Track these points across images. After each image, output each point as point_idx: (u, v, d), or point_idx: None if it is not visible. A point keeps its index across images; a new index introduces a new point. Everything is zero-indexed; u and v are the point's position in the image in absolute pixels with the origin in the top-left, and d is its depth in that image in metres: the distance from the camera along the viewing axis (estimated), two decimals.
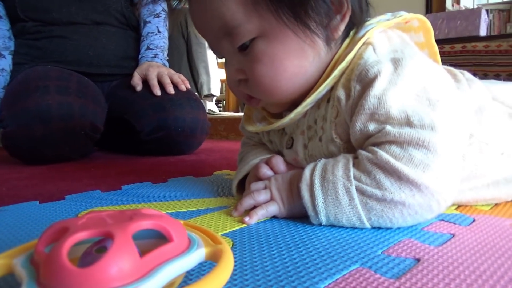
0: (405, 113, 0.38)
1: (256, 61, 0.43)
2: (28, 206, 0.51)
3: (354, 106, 0.41)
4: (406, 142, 0.37)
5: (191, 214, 0.46)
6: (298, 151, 0.50)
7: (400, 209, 0.37)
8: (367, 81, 0.40)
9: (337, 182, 0.38)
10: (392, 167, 0.37)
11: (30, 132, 0.95)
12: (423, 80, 0.40)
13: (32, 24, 1.14)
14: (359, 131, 0.41)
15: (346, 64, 0.43)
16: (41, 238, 0.23)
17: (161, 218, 0.25)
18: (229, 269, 0.23)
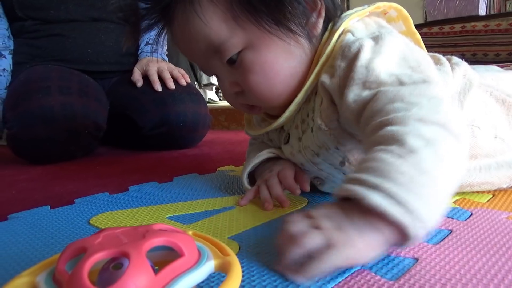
0: (394, 75, 0.39)
1: (248, 72, 0.45)
2: (40, 212, 0.53)
3: (342, 82, 0.42)
4: (406, 95, 0.36)
5: (198, 216, 0.48)
6: (293, 144, 0.52)
7: (448, 155, 0.32)
8: (351, 56, 0.41)
9: (401, 168, 0.30)
10: (414, 116, 0.33)
11: (34, 134, 0.96)
12: (402, 52, 0.41)
13: (31, 23, 1.14)
14: (354, 102, 0.39)
15: (326, 57, 0.45)
16: (61, 256, 0.25)
17: (171, 234, 0.26)
18: (237, 280, 0.25)
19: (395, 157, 0.31)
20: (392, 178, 0.29)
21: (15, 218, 0.51)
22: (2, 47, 1.13)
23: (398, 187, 0.29)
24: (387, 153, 0.31)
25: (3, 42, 1.13)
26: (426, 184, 0.30)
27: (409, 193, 0.28)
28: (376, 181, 0.29)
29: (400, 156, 0.31)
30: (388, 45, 0.41)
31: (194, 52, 0.47)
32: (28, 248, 0.40)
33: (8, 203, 0.61)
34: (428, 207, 0.29)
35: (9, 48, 1.15)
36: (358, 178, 0.31)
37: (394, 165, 0.30)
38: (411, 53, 0.42)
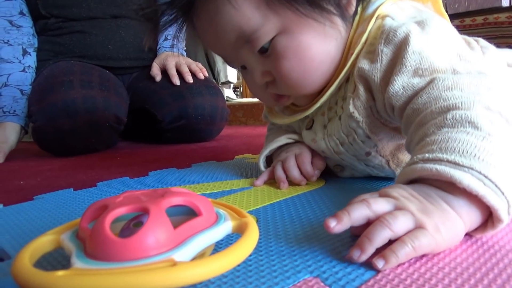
0: (447, 63, 0.37)
1: (281, 58, 0.42)
2: (64, 193, 0.55)
3: (388, 68, 0.40)
4: (466, 84, 0.35)
5: (216, 195, 0.48)
6: (317, 131, 0.51)
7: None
8: (398, 42, 0.40)
9: (489, 149, 0.28)
10: (481, 101, 0.32)
11: (58, 126, 0.99)
12: (448, 39, 0.40)
13: (54, 21, 1.18)
14: (403, 88, 0.38)
15: (363, 44, 0.43)
16: (84, 215, 0.26)
17: (190, 195, 0.27)
18: (254, 239, 0.25)
19: (479, 138, 0.29)
20: (483, 159, 0.28)
21: (40, 199, 0.53)
22: (28, 44, 1.17)
23: (491, 169, 0.27)
24: (465, 133, 0.30)
25: (28, 39, 1.17)
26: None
27: (502, 176, 0.27)
28: (468, 162, 0.27)
29: (484, 138, 0.29)
30: (435, 31, 0.39)
31: (222, 44, 0.45)
32: (52, 222, 0.41)
33: (33, 188, 0.63)
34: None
35: (33, 45, 1.19)
36: (443, 158, 0.29)
37: (481, 146, 0.28)
38: (457, 39, 0.40)
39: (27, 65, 1.15)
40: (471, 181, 0.27)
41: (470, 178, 0.27)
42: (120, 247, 0.22)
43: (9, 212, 0.46)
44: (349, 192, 0.48)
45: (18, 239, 0.36)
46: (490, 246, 0.29)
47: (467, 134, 0.30)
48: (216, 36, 0.44)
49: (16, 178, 0.74)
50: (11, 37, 1.13)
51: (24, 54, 1.15)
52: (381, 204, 0.28)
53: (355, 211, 0.27)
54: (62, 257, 0.30)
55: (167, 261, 0.21)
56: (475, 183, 0.27)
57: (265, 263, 0.28)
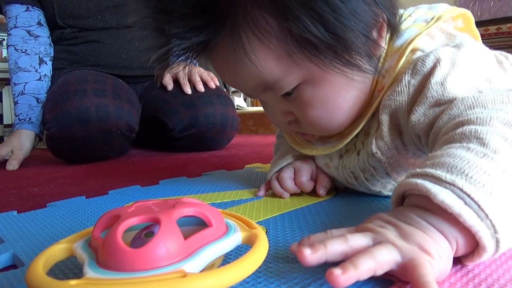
0: (473, 88, 0.36)
1: (307, 106, 0.40)
2: (76, 201, 0.56)
3: (412, 99, 0.38)
4: (490, 101, 0.32)
5: (226, 205, 0.49)
6: (333, 158, 0.50)
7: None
8: (425, 71, 0.37)
9: (484, 167, 0.26)
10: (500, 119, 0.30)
11: (71, 133, 1.01)
12: (481, 63, 0.38)
13: (69, 31, 1.20)
14: (424, 116, 0.37)
15: (392, 80, 0.41)
16: (96, 224, 0.26)
17: (200, 205, 0.27)
18: (264, 250, 0.25)
19: (478, 155, 0.27)
20: (471, 177, 0.25)
21: (52, 206, 0.54)
22: (44, 54, 1.19)
23: (477, 189, 0.25)
24: (464, 149, 0.28)
25: (45, 49, 1.20)
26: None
27: (489, 199, 0.25)
28: (451, 178, 0.26)
29: (484, 155, 0.27)
30: (468, 55, 0.37)
31: (241, 86, 0.42)
32: (64, 229, 0.42)
33: (46, 195, 0.64)
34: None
35: (50, 55, 1.22)
36: (427, 173, 0.27)
37: (474, 162, 0.26)
38: (490, 64, 0.39)
39: (43, 74, 1.18)
40: (446, 197, 0.25)
41: (447, 194, 0.25)
42: (131, 257, 0.22)
43: (23, 219, 0.47)
44: (359, 203, 0.47)
45: (31, 246, 0.37)
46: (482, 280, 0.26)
47: (467, 150, 0.28)
48: (235, 77, 0.40)
49: (30, 185, 0.75)
50: (28, 47, 1.16)
51: (41, 63, 1.17)
52: (359, 239, 0.26)
53: (332, 245, 0.25)
54: (74, 266, 0.31)
55: (177, 272, 0.21)
56: (451, 199, 0.25)
57: (274, 275, 0.28)
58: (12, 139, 1.07)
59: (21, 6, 1.16)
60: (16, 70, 1.14)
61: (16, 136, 1.08)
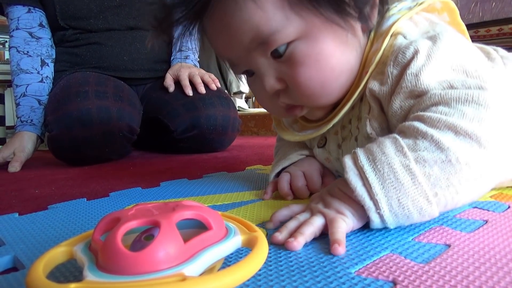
0: (446, 82, 0.37)
1: (299, 65, 0.40)
2: (77, 203, 0.56)
3: (392, 89, 0.40)
4: (454, 99, 0.35)
5: (226, 207, 0.49)
6: (331, 151, 0.50)
7: (465, 172, 0.32)
8: (405, 62, 0.39)
9: (392, 162, 0.33)
10: (446, 123, 0.33)
11: (72, 135, 1.01)
12: (459, 54, 0.39)
13: (71, 32, 1.21)
14: (400, 108, 0.39)
15: (376, 63, 0.42)
16: (96, 227, 0.26)
17: (200, 208, 0.27)
18: (264, 254, 0.25)
19: (397, 148, 0.33)
20: (377, 165, 0.33)
21: (54, 208, 0.54)
22: (46, 55, 1.20)
23: (376, 175, 0.33)
24: (392, 141, 0.34)
25: (47, 51, 1.20)
26: (406, 183, 0.32)
27: (383, 184, 0.32)
28: (363, 162, 0.34)
29: (401, 150, 0.33)
30: (444, 48, 0.39)
31: (234, 45, 0.41)
32: (65, 232, 0.42)
33: (48, 197, 0.64)
34: (399, 205, 0.32)
35: (51, 56, 1.22)
36: (356, 153, 0.35)
37: (388, 154, 0.33)
38: (468, 55, 0.40)
39: (45, 76, 1.18)
40: (352, 175, 0.34)
41: (354, 174, 0.34)
42: (131, 260, 0.22)
43: (24, 221, 0.47)
44: None
45: (32, 249, 0.37)
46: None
47: (393, 142, 0.34)
48: (229, 36, 0.41)
49: (31, 187, 0.75)
50: (30, 48, 1.16)
51: (43, 65, 1.18)
52: (317, 220, 0.35)
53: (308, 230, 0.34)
54: (74, 268, 0.31)
55: (177, 275, 0.21)
56: (354, 178, 0.34)
57: (274, 278, 0.28)
58: (14, 141, 1.07)
59: (23, 7, 1.17)
60: (18, 72, 1.15)
61: (18, 138, 1.08)
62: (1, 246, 0.38)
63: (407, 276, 0.27)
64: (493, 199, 0.46)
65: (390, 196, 0.32)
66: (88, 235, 0.29)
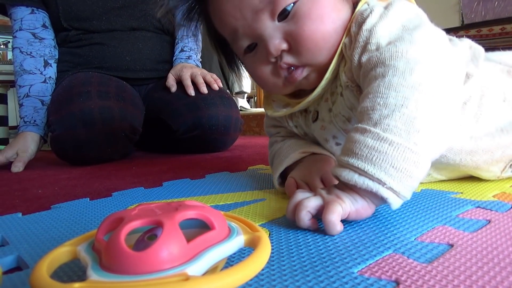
0: (391, 39, 0.42)
1: (305, 19, 0.45)
2: (80, 202, 0.56)
3: (353, 45, 0.45)
4: (387, 58, 0.40)
5: (229, 207, 0.49)
6: (324, 117, 0.53)
7: (419, 113, 0.36)
8: (361, 21, 0.45)
9: (366, 142, 0.36)
10: (383, 81, 0.38)
11: (75, 135, 1.01)
12: (409, 14, 0.44)
13: (74, 33, 1.21)
14: (357, 64, 0.44)
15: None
16: (100, 227, 0.26)
17: (203, 208, 0.27)
18: (266, 253, 0.25)
19: (361, 132, 0.37)
20: (357, 153, 0.36)
21: (57, 208, 0.54)
22: (49, 56, 1.20)
23: (362, 160, 0.35)
24: (356, 131, 0.37)
25: (50, 51, 1.21)
26: (387, 150, 0.35)
27: (372, 163, 0.35)
28: (347, 160, 0.36)
29: (365, 130, 0.36)
30: (395, 10, 0.44)
31: (242, 7, 0.45)
32: (69, 231, 0.42)
33: (51, 197, 0.65)
34: (397, 170, 0.34)
35: (54, 57, 1.22)
36: (338, 160, 0.38)
37: (359, 140, 0.36)
38: (418, 17, 0.44)
39: (48, 76, 1.18)
40: (345, 174, 0.36)
41: (346, 172, 0.36)
42: (134, 260, 0.22)
43: (27, 221, 0.47)
44: None
45: (35, 249, 0.37)
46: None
47: (357, 131, 0.37)
48: (239, 2, 0.45)
49: (34, 187, 0.76)
50: (33, 49, 1.17)
51: (46, 66, 1.18)
52: (316, 199, 0.38)
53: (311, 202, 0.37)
54: (78, 268, 0.31)
55: (180, 275, 0.22)
56: (349, 175, 0.36)
57: (277, 278, 0.28)
58: (17, 141, 1.08)
59: (26, 8, 1.17)
60: (21, 73, 1.15)
61: (21, 138, 1.08)
62: (5, 246, 0.38)
63: (410, 276, 0.27)
64: (496, 199, 0.46)
65: (385, 167, 0.35)
66: (92, 235, 0.29)
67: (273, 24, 0.45)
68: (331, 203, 0.36)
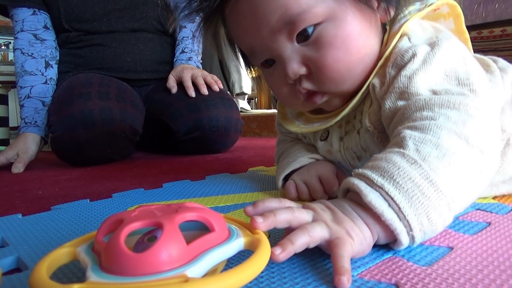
0: (432, 90, 0.38)
1: (327, 47, 0.40)
2: (80, 204, 0.56)
3: (388, 89, 0.41)
4: (437, 105, 0.35)
5: (229, 208, 0.49)
6: (333, 143, 0.51)
7: (465, 169, 0.31)
8: (402, 65, 0.40)
9: (412, 175, 0.30)
10: (436, 125, 0.33)
11: (75, 136, 1.01)
12: (455, 61, 0.40)
13: (75, 34, 1.21)
14: (389, 109, 0.40)
15: (384, 60, 0.43)
16: (100, 229, 0.26)
17: (203, 210, 0.27)
18: (266, 256, 0.25)
19: (409, 161, 0.31)
20: (398, 182, 0.30)
21: (57, 209, 0.54)
22: (50, 57, 1.20)
23: (401, 193, 0.29)
24: (400, 155, 0.32)
25: (51, 52, 1.21)
26: (431, 195, 0.30)
27: (410, 203, 0.29)
28: (381, 182, 0.30)
29: (414, 162, 0.31)
30: (441, 54, 0.39)
31: (260, 27, 0.41)
32: (68, 233, 0.42)
33: (51, 198, 0.65)
34: (428, 221, 0.29)
35: (55, 58, 1.23)
36: (365, 174, 0.31)
37: (403, 168, 0.31)
38: (464, 65, 0.40)
39: (49, 77, 1.19)
40: (373, 198, 0.30)
41: (375, 195, 0.30)
42: (134, 262, 0.22)
43: (27, 222, 0.47)
44: None
45: (35, 250, 0.37)
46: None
47: (402, 156, 0.32)
48: (256, 16, 0.41)
49: (34, 188, 0.76)
50: (35, 50, 1.17)
51: (47, 67, 1.18)
52: (302, 213, 0.31)
53: (281, 214, 0.30)
54: (77, 270, 0.31)
55: (179, 276, 0.22)
56: (377, 201, 0.30)
57: (276, 280, 0.28)
58: (18, 142, 1.08)
59: (28, 9, 1.17)
60: (23, 74, 1.15)
61: (21, 139, 1.08)
62: (5, 247, 0.38)
63: (410, 279, 0.27)
64: (496, 201, 0.45)
65: (419, 213, 0.29)
66: (91, 236, 0.29)
67: (292, 45, 0.42)
68: (344, 243, 0.29)
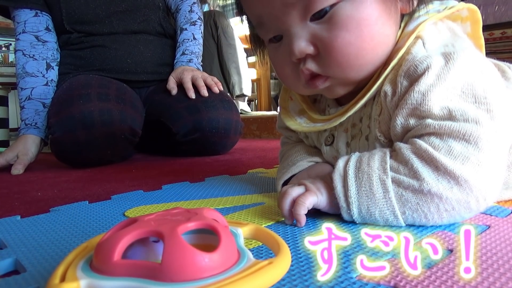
0: (447, 109, 0.37)
1: (340, 28, 0.38)
2: (79, 206, 0.56)
3: (399, 101, 0.40)
4: (446, 133, 0.36)
5: (228, 210, 0.48)
6: (340, 149, 0.49)
7: (436, 203, 0.35)
8: (415, 77, 0.39)
9: (372, 174, 0.37)
10: (430, 156, 0.35)
11: (75, 138, 1.01)
12: (471, 76, 0.38)
13: (76, 36, 1.21)
14: (400, 125, 0.40)
15: (398, 60, 0.41)
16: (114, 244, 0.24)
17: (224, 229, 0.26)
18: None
19: (382, 164, 0.38)
20: (359, 175, 0.38)
21: (56, 211, 0.54)
22: (51, 59, 1.20)
23: (356, 183, 0.38)
24: (383, 157, 0.38)
25: (52, 54, 1.21)
26: (378, 196, 0.37)
27: (358, 194, 0.38)
28: (350, 167, 0.39)
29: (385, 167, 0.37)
30: (456, 69, 0.38)
31: (272, 3, 0.40)
32: (66, 234, 0.42)
33: (50, 200, 0.65)
34: (360, 200, 0.37)
35: (57, 60, 1.23)
36: (351, 156, 0.40)
37: (372, 167, 0.38)
38: (481, 80, 0.38)
39: (50, 79, 1.19)
40: (337, 177, 0.39)
41: (339, 175, 0.39)
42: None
43: (26, 224, 0.47)
44: None
45: (33, 252, 0.37)
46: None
47: (381, 153, 0.39)
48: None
49: (33, 189, 0.75)
50: (36, 52, 1.17)
51: (48, 69, 1.18)
52: (296, 189, 0.41)
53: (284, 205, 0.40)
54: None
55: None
56: (338, 179, 0.39)
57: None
58: (18, 143, 1.08)
59: (30, 11, 1.18)
60: (24, 75, 1.15)
61: (21, 141, 1.08)
62: (3, 249, 0.38)
63: (409, 282, 0.27)
64: (495, 204, 0.45)
65: (362, 202, 0.37)
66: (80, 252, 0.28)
67: (302, 22, 0.40)
68: (309, 193, 0.40)
